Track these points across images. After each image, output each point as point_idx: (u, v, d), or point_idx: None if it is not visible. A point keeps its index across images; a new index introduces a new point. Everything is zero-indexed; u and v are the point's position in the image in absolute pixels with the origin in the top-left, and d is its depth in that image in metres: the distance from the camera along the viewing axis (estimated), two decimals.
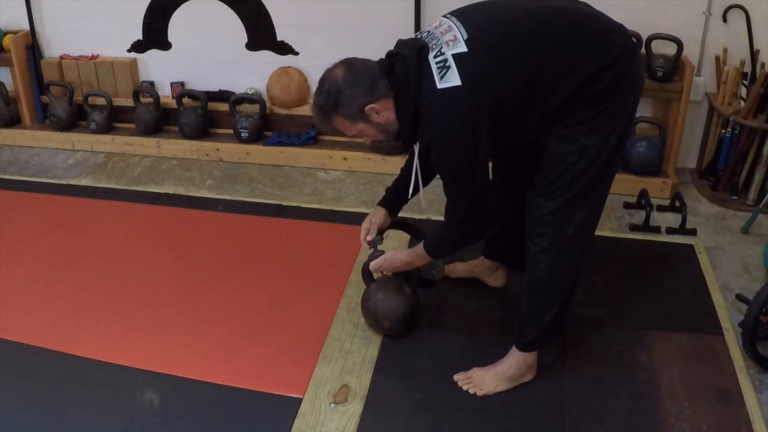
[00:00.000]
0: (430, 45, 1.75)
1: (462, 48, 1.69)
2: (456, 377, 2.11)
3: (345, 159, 3.50)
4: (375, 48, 1.94)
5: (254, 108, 3.65)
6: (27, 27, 3.85)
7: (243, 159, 3.63)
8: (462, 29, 1.72)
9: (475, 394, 2.06)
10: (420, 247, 2.05)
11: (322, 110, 1.82)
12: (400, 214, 2.30)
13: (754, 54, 3.10)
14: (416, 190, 2.04)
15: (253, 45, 3.65)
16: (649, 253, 2.76)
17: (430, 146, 1.75)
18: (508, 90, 1.71)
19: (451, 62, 1.68)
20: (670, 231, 2.88)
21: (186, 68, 3.78)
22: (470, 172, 1.77)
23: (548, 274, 1.93)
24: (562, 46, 1.72)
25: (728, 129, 3.07)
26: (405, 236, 2.66)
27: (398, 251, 2.15)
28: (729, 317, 2.36)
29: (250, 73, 3.70)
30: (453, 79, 1.67)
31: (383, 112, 1.79)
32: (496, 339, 2.22)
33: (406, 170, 2.12)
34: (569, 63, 1.71)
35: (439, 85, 1.68)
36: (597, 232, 2.87)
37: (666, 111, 3.23)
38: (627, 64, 1.74)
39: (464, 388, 2.08)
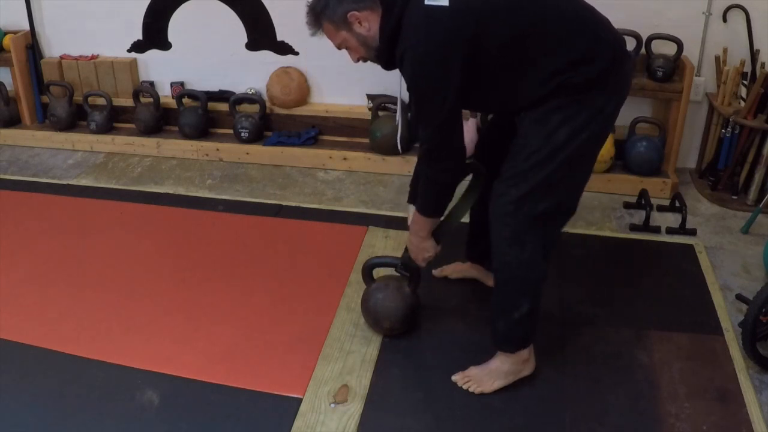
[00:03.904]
0: None
1: None
2: (454, 377, 2.11)
3: (345, 159, 3.50)
4: None
5: (254, 108, 3.65)
6: (27, 27, 3.85)
7: (243, 159, 3.63)
8: None
9: (473, 392, 2.05)
10: (415, 213, 2.07)
11: (313, 12, 1.87)
12: None
13: (754, 54, 3.10)
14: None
15: (253, 45, 3.65)
16: (649, 253, 2.76)
17: (404, 57, 1.76)
18: (491, 36, 1.72)
19: None
20: (670, 231, 2.88)
21: (186, 68, 3.79)
22: (438, 97, 1.76)
23: (514, 267, 1.92)
24: (557, 21, 1.75)
25: (728, 129, 3.07)
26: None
27: (409, 235, 2.16)
28: (729, 317, 2.36)
29: (250, 73, 3.70)
30: (442, 0, 1.70)
31: (365, 22, 1.82)
32: None
33: None
34: (558, 40, 1.74)
35: (427, 2, 1.71)
36: (597, 232, 2.90)
37: (666, 111, 3.23)
38: (614, 66, 1.78)
39: (463, 386, 2.08)
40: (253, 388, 2.11)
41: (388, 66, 1.90)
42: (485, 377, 2.07)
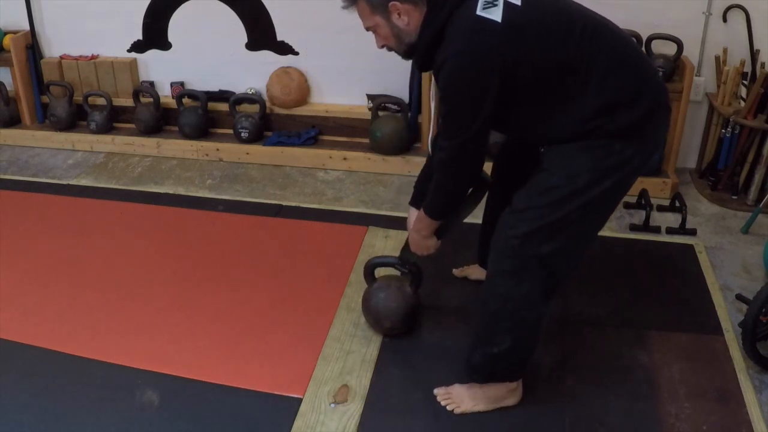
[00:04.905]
0: None
1: (517, 1, 1.68)
2: (436, 391, 2.06)
3: (345, 159, 3.51)
4: (376, 48, 1.93)
5: (254, 108, 3.65)
6: (27, 27, 3.85)
7: (243, 159, 3.63)
8: None
9: (452, 410, 2.01)
10: (419, 212, 2.03)
11: None
12: None
13: (754, 54, 3.10)
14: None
15: (253, 45, 3.65)
16: (649, 253, 2.76)
17: (443, 66, 1.70)
18: (538, 61, 1.68)
19: (500, 3, 1.66)
20: (670, 231, 2.88)
21: (186, 68, 3.79)
22: (470, 111, 1.70)
23: (504, 301, 1.84)
24: (608, 60, 1.69)
25: (728, 129, 3.07)
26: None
27: (410, 231, 2.13)
28: (729, 317, 2.36)
29: (250, 73, 3.70)
30: (494, 14, 1.65)
31: (405, 16, 1.76)
32: None
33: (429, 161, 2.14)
34: (604, 79, 1.69)
35: (478, 12, 1.65)
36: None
37: None
38: (651, 115, 1.72)
39: (443, 403, 2.03)
40: (253, 388, 2.11)
41: (422, 67, 1.86)
42: (467, 398, 2.02)
